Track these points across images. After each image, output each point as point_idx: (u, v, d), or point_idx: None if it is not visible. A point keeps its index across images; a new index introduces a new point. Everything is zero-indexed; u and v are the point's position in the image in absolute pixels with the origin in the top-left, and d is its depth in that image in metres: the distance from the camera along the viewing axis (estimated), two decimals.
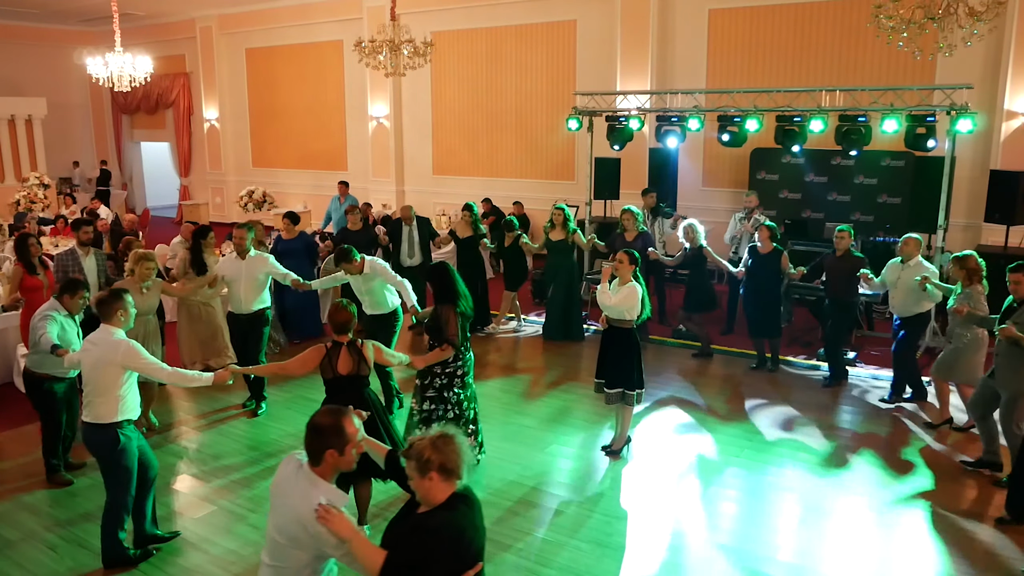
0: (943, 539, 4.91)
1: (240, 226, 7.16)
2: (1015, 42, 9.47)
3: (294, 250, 8.84)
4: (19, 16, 17.95)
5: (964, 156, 9.79)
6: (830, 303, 7.59)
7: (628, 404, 6.04)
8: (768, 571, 4.61)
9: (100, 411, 4.49)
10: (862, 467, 5.94)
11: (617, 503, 5.45)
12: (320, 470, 2.90)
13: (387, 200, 15.36)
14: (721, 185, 12.09)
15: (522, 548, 4.85)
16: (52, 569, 4.73)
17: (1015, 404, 5.44)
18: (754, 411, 7.06)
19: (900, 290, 6.89)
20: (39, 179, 15.42)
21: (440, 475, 2.73)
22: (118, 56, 11.72)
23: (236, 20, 17.49)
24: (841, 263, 7.34)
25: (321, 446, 2.87)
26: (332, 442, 2.87)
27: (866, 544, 4.88)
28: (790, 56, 11.25)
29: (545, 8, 13.31)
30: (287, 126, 17.51)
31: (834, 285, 7.45)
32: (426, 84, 14.88)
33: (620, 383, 5.99)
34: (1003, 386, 5.48)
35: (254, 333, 7.04)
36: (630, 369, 5.96)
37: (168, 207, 20.88)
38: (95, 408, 4.50)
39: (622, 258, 5.90)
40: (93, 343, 4.57)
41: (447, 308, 5.50)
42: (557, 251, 9.08)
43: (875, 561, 4.71)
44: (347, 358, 4.70)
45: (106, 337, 4.53)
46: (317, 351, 4.71)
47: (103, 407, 4.48)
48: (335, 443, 2.87)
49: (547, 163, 13.86)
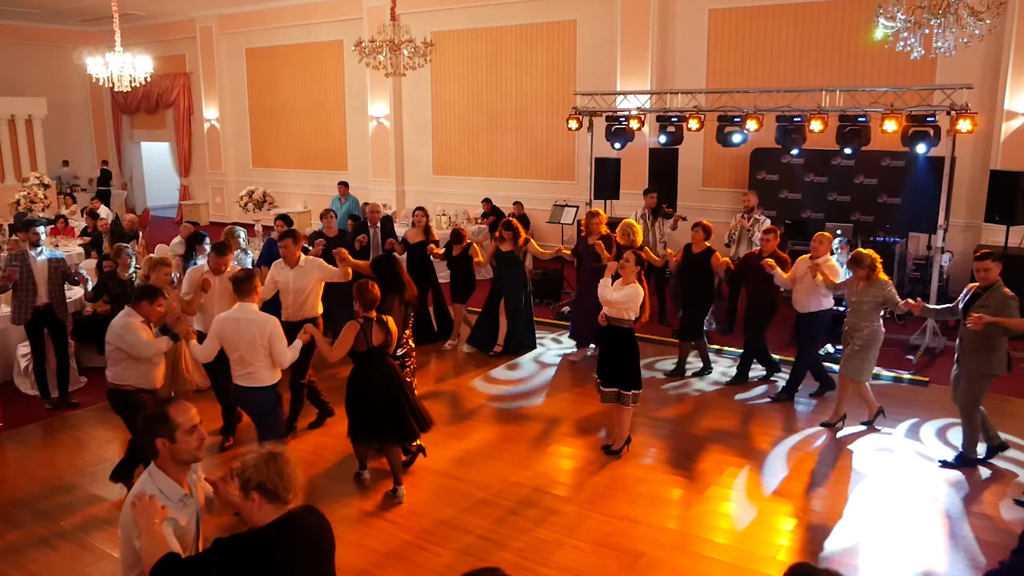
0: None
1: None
2: (1015, 42, 9.47)
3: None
4: (19, 16, 17.95)
5: (964, 156, 9.79)
6: (752, 304, 7.51)
7: (625, 404, 6.02)
8: (768, 571, 4.61)
9: (262, 375, 5.10)
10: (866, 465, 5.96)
11: (617, 503, 5.45)
12: (159, 462, 2.90)
13: (387, 200, 15.36)
14: (721, 185, 12.09)
15: (522, 548, 4.86)
16: (53, 569, 4.73)
17: (978, 385, 5.65)
18: (752, 411, 7.07)
19: (804, 285, 6.90)
20: (39, 179, 15.41)
21: (261, 496, 2.63)
22: (118, 56, 11.71)
23: (236, 20, 17.50)
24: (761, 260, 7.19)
25: (150, 437, 2.87)
26: (159, 431, 2.86)
27: (882, 537, 4.89)
28: (790, 56, 11.25)
29: (545, 8, 13.31)
30: (287, 126, 17.51)
31: (755, 286, 7.40)
32: (426, 84, 14.88)
33: (616, 382, 5.98)
34: (967, 368, 5.66)
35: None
36: (626, 369, 5.96)
37: (168, 207, 20.89)
38: (257, 373, 5.09)
39: (629, 257, 5.91)
40: (241, 319, 5.06)
41: (392, 298, 5.77)
42: (507, 262, 8.64)
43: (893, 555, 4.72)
44: (378, 330, 5.30)
45: (250, 315, 5.09)
46: (351, 329, 5.24)
47: (264, 371, 5.10)
48: (162, 431, 2.85)
49: (547, 163, 13.86)
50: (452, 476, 5.86)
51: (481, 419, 6.93)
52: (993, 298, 5.49)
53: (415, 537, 4.99)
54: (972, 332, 5.47)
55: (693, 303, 7.81)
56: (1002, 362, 5.60)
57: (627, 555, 4.80)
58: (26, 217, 12.87)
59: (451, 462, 6.09)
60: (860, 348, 6.27)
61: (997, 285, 5.53)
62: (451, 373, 8.27)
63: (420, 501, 5.49)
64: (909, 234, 9.99)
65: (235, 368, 5.15)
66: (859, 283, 6.30)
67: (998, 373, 5.64)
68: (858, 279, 6.30)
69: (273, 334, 5.07)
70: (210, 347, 5.15)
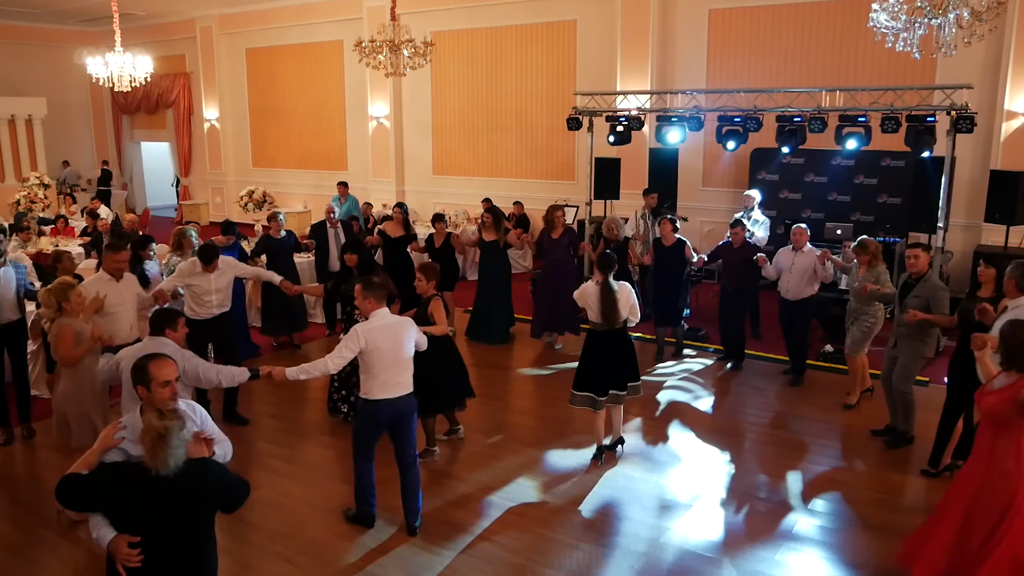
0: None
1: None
2: (1015, 42, 9.47)
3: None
4: (19, 16, 17.95)
5: (964, 156, 9.78)
6: (732, 293, 8.03)
7: (620, 404, 5.99)
8: (768, 571, 4.61)
9: (409, 380, 4.88)
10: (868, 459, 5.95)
11: (616, 503, 5.45)
12: (142, 405, 3.37)
13: (387, 200, 15.36)
14: (721, 185, 12.08)
15: (522, 548, 4.86)
16: (53, 569, 4.74)
17: (912, 367, 6.12)
18: (748, 410, 7.08)
19: (795, 274, 7.41)
20: (39, 179, 15.42)
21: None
22: (118, 56, 11.71)
23: (236, 20, 17.49)
24: (739, 253, 7.85)
25: (135, 383, 3.37)
26: (138, 379, 3.34)
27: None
28: (790, 56, 11.24)
29: (545, 8, 13.31)
30: (287, 126, 17.51)
31: (733, 274, 7.95)
32: (426, 84, 14.88)
33: (619, 383, 5.91)
34: (902, 352, 6.10)
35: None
36: (630, 367, 5.92)
37: (168, 207, 20.89)
38: (408, 378, 4.86)
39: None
40: (389, 325, 4.77)
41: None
42: (490, 251, 8.93)
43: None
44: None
45: (392, 319, 4.82)
46: (439, 304, 5.76)
47: (410, 375, 4.88)
48: (141, 381, 3.34)
49: (547, 163, 13.86)
50: (452, 476, 5.87)
51: (481, 419, 6.93)
52: (926, 288, 5.91)
53: (416, 537, 4.99)
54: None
55: (668, 292, 8.28)
56: (933, 347, 6.23)
57: (627, 555, 4.80)
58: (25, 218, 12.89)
59: (451, 462, 6.10)
60: (867, 331, 6.77)
61: (928, 275, 5.99)
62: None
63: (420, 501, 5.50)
64: (909, 234, 9.98)
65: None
66: (861, 269, 6.70)
67: (929, 356, 6.26)
68: (861, 264, 6.71)
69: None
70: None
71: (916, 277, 6.00)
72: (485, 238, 8.90)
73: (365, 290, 4.81)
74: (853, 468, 5.99)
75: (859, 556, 4.75)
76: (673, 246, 8.11)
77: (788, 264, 7.47)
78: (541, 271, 9.24)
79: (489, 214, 8.94)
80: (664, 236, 8.17)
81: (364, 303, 4.80)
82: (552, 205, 8.90)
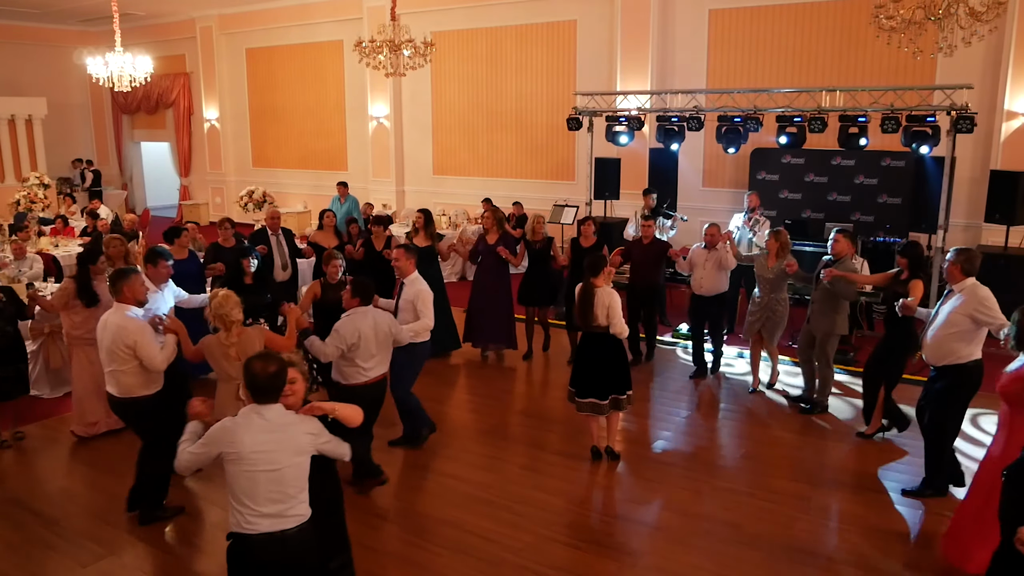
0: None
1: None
2: (1015, 42, 9.48)
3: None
4: (19, 16, 17.95)
5: (964, 156, 9.78)
6: (641, 289, 8.04)
7: (622, 408, 5.98)
8: (770, 570, 4.61)
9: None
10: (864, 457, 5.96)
11: (616, 503, 5.46)
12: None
13: (387, 200, 15.38)
14: (721, 185, 12.09)
15: (522, 548, 4.86)
16: (53, 569, 4.74)
17: (827, 343, 6.63)
18: (745, 409, 7.08)
19: (708, 271, 7.58)
20: (39, 179, 15.41)
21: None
22: (118, 56, 11.71)
23: (236, 20, 17.50)
24: (649, 249, 7.93)
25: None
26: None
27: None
28: (790, 56, 11.25)
29: (545, 8, 13.31)
30: (287, 126, 17.51)
31: (643, 270, 7.99)
32: (426, 84, 14.88)
33: (614, 389, 5.87)
34: (817, 328, 6.64)
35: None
36: (622, 373, 5.89)
37: (168, 207, 20.88)
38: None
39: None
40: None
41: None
42: (421, 257, 7.61)
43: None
44: None
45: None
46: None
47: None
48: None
49: (547, 163, 13.86)
50: (452, 476, 5.87)
51: (480, 419, 6.94)
52: (843, 266, 6.48)
53: (415, 537, 5.00)
54: (821, 296, 6.54)
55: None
56: (844, 324, 6.67)
57: (627, 555, 4.80)
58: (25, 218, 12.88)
59: (451, 462, 6.10)
60: (780, 319, 7.15)
61: (846, 257, 6.53)
62: (442, 376, 8.27)
63: (420, 501, 5.50)
64: (909, 234, 9.98)
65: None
66: (770, 260, 7.08)
67: (841, 333, 6.70)
68: (771, 255, 7.06)
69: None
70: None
71: (837, 259, 6.54)
72: (416, 243, 7.96)
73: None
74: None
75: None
76: (592, 247, 7.81)
77: (701, 261, 7.64)
78: (474, 277, 8.57)
79: (421, 215, 8.13)
80: (584, 237, 8.04)
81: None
82: (487, 207, 8.88)
